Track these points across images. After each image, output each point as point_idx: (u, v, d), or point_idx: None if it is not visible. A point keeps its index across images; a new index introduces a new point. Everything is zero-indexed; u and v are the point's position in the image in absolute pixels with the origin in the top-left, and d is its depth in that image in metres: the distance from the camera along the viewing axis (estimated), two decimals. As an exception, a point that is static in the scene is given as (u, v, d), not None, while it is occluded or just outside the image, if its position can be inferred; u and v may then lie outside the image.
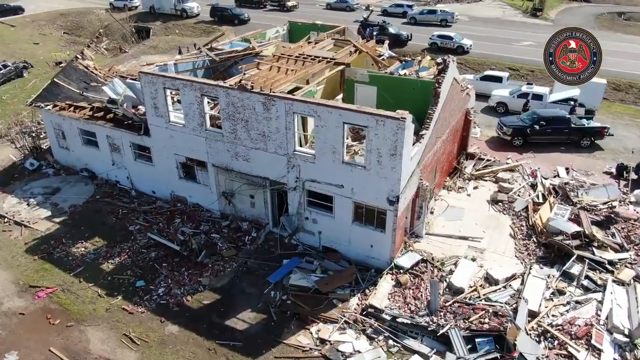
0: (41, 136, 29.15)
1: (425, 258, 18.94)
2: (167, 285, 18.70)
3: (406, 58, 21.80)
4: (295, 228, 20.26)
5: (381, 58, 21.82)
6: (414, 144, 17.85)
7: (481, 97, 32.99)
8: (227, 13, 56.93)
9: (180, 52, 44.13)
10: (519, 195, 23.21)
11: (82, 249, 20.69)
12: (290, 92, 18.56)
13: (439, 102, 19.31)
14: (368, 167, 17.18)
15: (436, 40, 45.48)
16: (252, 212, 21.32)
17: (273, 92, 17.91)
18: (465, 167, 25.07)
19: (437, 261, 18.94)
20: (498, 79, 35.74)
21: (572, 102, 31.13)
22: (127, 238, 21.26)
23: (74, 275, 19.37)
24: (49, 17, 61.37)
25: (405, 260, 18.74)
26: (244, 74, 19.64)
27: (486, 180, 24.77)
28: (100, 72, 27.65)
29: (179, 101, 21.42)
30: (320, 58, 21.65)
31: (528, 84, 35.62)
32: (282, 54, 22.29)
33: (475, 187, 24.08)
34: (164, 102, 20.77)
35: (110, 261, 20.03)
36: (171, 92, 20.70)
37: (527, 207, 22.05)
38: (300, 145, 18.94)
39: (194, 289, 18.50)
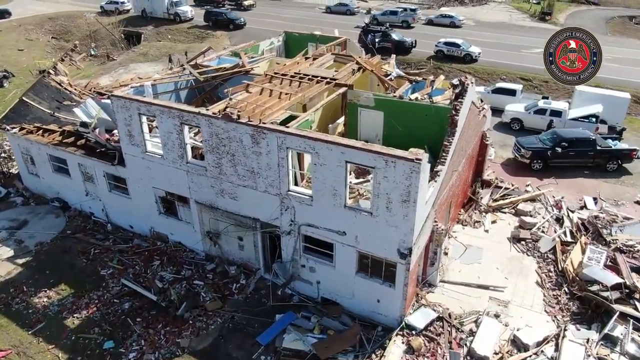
0: (13, 157, 26.48)
1: (441, 315, 16.26)
2: (139, 347, 16.00)
3: (417, 78, 19.11)
4: (290, 276, 17.59)
5: (388, 78, 19.21)
6: (428, 182, 15.18)
7: (493, 111, 30.35)
8: (221, 17, 54.24)
9: (170, 61, 41.42)
10: (543, 232, 20.55)
11: (45, 299, 18.00)
12: (284, 122, 15.90)
13: (456, 131, 16.65)
14: (375, 213, 14.51)
15: (442, 48, 42.83)
16: (241, 255, 18.65)
17: (263, 122, 15.25)
18: (482, 197, 22.39)
19: (455, 318, 16.27)
20: (511, 92, 33.08)
21: (594, 119, 28.53)
22: (97, 285, 18.57)
23: (33, 333, 16.68)
24: (36, 21, 58.70)
25: (418, 319, 16.06)
26: (230, 98, 16.96)
27: (505, 213, 22.09)
28: (75, 89, 24.95)
29: (157, 127, 18.76)
30: (319, 78, 18.99)
31: (544, 97, 33.02)
32: (275, 73, 19.63)
33: (494, 222, 21.40)
34: (139, 129, 18.09)
35: (76, 315, 17.33)
36: (147, 119, 18.02)
37: (554, 248, 19.38)
38: (296, 184, 16.28)
39: (171, 352, 15.80)
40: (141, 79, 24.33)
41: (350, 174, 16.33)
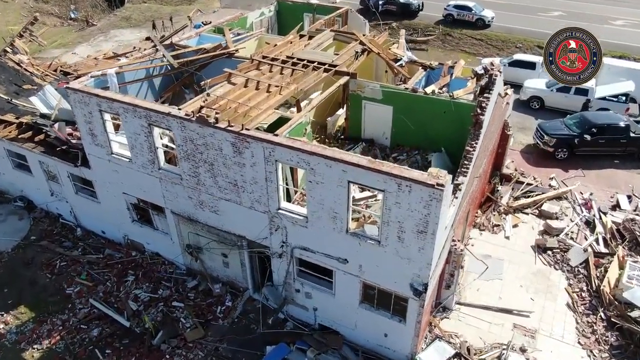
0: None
1: (458, 351, 13.96)
2: (108, 389, 13.82)
3: (432, 64, 16.00)
4: (282, 300, 15.18)
5: (399, 64, 16.14)
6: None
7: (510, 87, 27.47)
8: (211, -24, 49.68)
9: (154, 27, 37.57)
10: (572, 238, 18.02)
11: (2, 326, 15.67)
12: (272, 126, 13.02)
13: (480, 133, 13.82)
14: (384, 242, 11.91)
15: (452, 12, 38.96)
16: (226, 272, 16.18)
17: (246, 128, 12.39)
18: (502, 196, 19.72)
19: (475, 354, 13.98)
20: (530, 65, 29.74)
21: (623, 98, 25.49)
22: (63, 306, 16.20)
23: (-14, 370, 14.49)
24: (12, -21, 54.08)
25: (432, 356, 13.75)
26: (208, 94, 13.99)
27: (527, 214, 19.49)
28: (38, 70, 21.77)
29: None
30: (316, 64, 15.90)
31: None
32: (264, 57, 16.52)
33: (515, 225, 18.83)
34: (101, 128, 15.22)
35: (36, 346, 15.04)
36: (112, 117, 15.10)
37: (586, 260, 16.91)
38: (288, 200, 13.61)
39: (144, 396, 13.64)
40: (111, 58, 21.30)
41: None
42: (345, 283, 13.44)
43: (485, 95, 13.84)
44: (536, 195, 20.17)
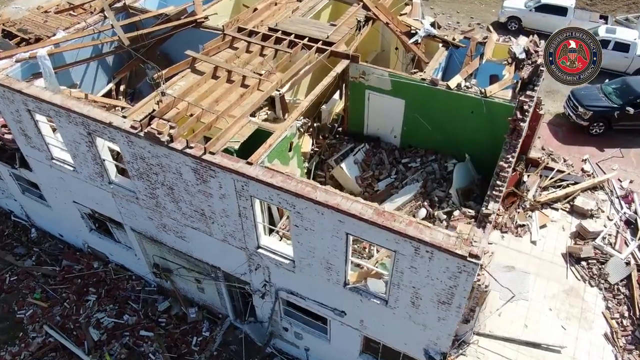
0: None
1: (478, 404, 11.75)
2: None
3: (455, 41, 12.30)
4: (269, 335, 12.76)
5: (413, 41, 12.45)
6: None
7: (538, 36, 23.91)
8: None
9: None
10: (610, 244, 15.31)
11: (-60, 362, 13.45)
12: (248, 143, 9.77)
13: (518, 144, 10.63)
14: (393, 304, 9.19)
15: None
16: (202, 296, 13.65)
17: (211, 152, 9.22)
18: (528, 189, 16.73)
19: (497, 405, 11.78)
20: (561, 11, 25.45)
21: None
22: (13, 335, 13.87)
23: None
24: None
25: (446, 412, 11.54)
26: (163, 93, 10.59)
27: (557, 209, 16.63)
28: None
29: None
30: (307, 40, 12.30)
31: (602, 17, 25.57)
32: (240, 29, 12.87)
33: (543, 226, 16.02)
34: (35, 130, 12.00)
35: (-20, 389, 12.91)
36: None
37: (629, 276, 14.33)
38: (272, 229, 10.70)
39: None
40: (65, 12, 17.34)
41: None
42: (342, 332, 10.92)
43: (528, 93, 10.49)
44: (567, 184, 17.19)
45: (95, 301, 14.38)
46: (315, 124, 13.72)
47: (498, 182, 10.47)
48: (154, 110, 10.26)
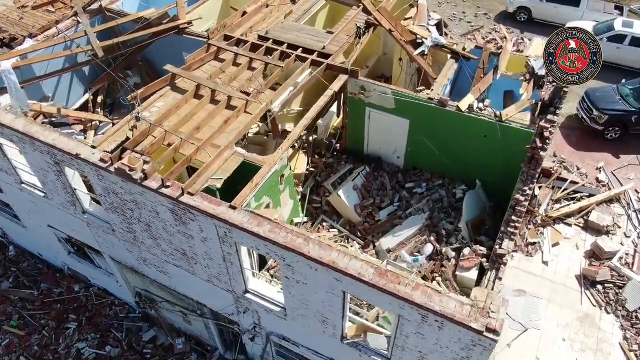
0: None
1: None
2: None
3: (467, 53, 10.98)
4: (260, 372, 11.82)
5: (420, 51, 11.10)
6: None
7: (547, 27, 22.76)
8: None
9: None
10: (629, 265, 14.28)
11: None
12: (233, 180, 8.62)
13: (536, 174, 9.50)
14: (396, 364, 8.19)
15: None
16: (189, 327, 12.68)
17: (190, 192, 8.09)
18: (540, 203, 15.61)
19: None
20: (574, 1, 23.92)
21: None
22: (-13, 367, 12.97)
23: None
24: None
25: None
26: (138, 118, 9.38)
27: (570, 225, 15.54)
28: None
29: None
30: (300, 52, 11.03)
31: (617, 7, 24.08)
32: (226, 38, 11.59)
33: (556, 244, 14.96)
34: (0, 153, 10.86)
35: None
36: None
37: (648, 303, 13.33)
38: (261, 269, 9.64)
39: None
40: (43, 7, 15.99)
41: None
42: (340, 380, 9.96)
43: (549, 117, 9.30)
44: (582, 197, 16.08)
45: (76, 329, 13.43)
46: (311, 138, 12.59)
47: (514, 218, 9.40)
48: (127, 138, 9.13)
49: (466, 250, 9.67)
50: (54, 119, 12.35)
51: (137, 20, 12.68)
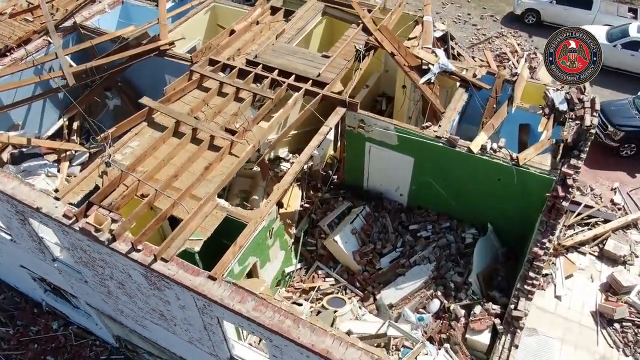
0: None
1: None
2: None
3: (478, 81, 9.81)
4: None
5: (426, 80, 9.93)
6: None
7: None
8: None
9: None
10: (647, 300, 13.28)
11: None
12: (214, 241, 7.56)
13: (557, 225, 8.47)
14: None
15: None
16: (175, 375, 11.72)
17: (163, 259, 7.06)
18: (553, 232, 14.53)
19: None
20: (585, 3, 22.69)
21: None
22: (-43, 415, 12.03)
23: None
24: None
25: None
26: (108, 163, 8.30)
27: (584, 254, 14.52)
28: None
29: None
30: (294, 78, 9.92)
31: (631, 10, 22.88)
32: (211, 62, 10.46)
33: (569, 276, 13.96)
34: (-40, 194, 9.78)
35: None
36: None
37: (669, 344, 12.35)
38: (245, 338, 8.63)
39: None
40: (22, 14, 14.86)
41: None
42: None
43: (572, 162, 8.23)
44: (596, 222, 15.03)
45: (54, 373, 12.50)
46: (305, 167, 11.51)
47: (531, 274, 8.40)
48: (96, 187, 8.08)
49: (477, 309, 8.67)
50: (23, 150, 11.32)
51: (115, 40, 11.53)
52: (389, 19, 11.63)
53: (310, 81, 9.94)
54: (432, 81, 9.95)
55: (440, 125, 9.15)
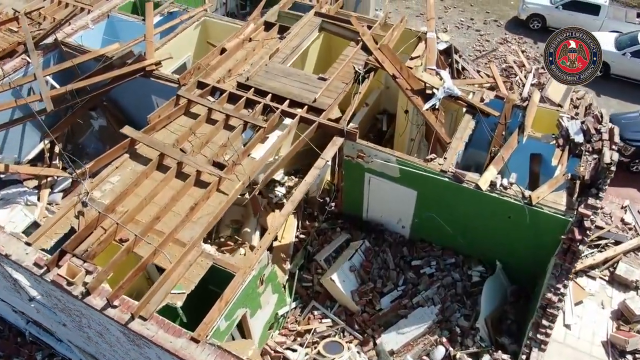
0: None
1: None
2: None
3: (484, 104, 9.09)
4: None
5: (430, 105, 9.17)
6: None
7: None
8: None
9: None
10: (661, 328, 12.64)
11: None
12: (201, 291, 6.89)
13: (572, 268, 7.80)
14: None
15: None
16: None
17: (142, 317, 6.40)
18: (561, 254, 13.87)
19: None
20: (593, 9, 21.95)
21: None
22: None
23: None
24: None
25: None
26: (84, 203, 7.58)
27: (594, 278, 13.87)
28: None
29: None
30: (287, 103, 9.24)
31: (639, 15, 22.14)
32: (200, 83, 9.77)
33: (579, 303, 13.30)
34: None
35: None
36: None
37: (686, 379, 11.71)
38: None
39: None
40: (9, 22, 14.11)
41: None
42: None
43: (590, 202, 7.56)
44: (607, 244, 14.38)
45: (38, 409, 11.86)
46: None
47: (544, 322, 7.74)
48: (72, 229, 7.42)
49: (485, 358, 8.01)
50: (1, 176, 10.65)
51: (98, 58, 10.83)
52: (390, 36, 10.91)
53: (306, 107, 9.25)
54: (436, 107, 9.25)
55: (445, 158, 8.46)
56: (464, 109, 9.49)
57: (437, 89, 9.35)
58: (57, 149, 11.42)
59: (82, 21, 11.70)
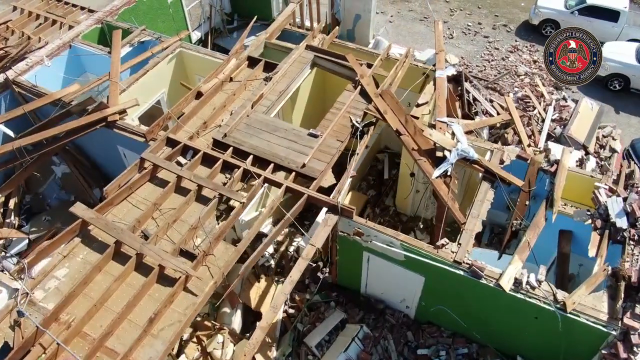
0: None
1: None
2: None
3: (504, 167, 7.71)
4: None
5: (441, 173, 7.73)
6: None
7: None
8: None
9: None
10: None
11: None
12: None
13: (613, 385, 6.44)
14: None
15: None
16: None
17: None
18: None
19: None
20: (612, 15, 20.23)
21: None
22: None
23: None
24: None
25: None
26: (20, 311, 6.21)
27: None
28: None
29: None
30: (271, 168, 7.80)
31: (661, 22, 20.48)
32: (169, 140, 8.30)
33: None
34: None
35: None
36: None
37: None
38: None
39: None
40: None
41: None
42: None
43: (638, 310, 6.17)
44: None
45: None
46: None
47: None
48: (5, 344, 6.06)
49: None
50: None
51: (55, 103, 9.33)
52: (394, 75, 9.40)
53: (293, 174, 7.81)
54: (448, 174, 7.80)
55: (460, 244, 7.04)
56: (481, 175, 8.03)
57: (450, 150, 7.89)
58: (11, 204, 9.99)
59: (37, 56, 10.11)
